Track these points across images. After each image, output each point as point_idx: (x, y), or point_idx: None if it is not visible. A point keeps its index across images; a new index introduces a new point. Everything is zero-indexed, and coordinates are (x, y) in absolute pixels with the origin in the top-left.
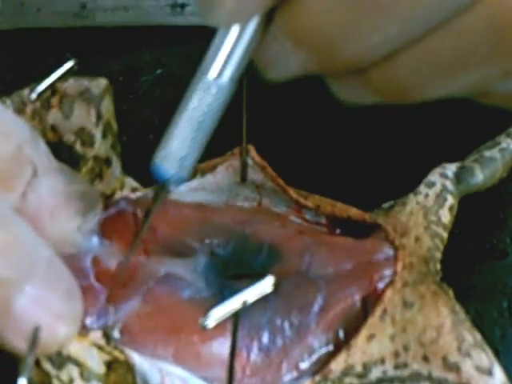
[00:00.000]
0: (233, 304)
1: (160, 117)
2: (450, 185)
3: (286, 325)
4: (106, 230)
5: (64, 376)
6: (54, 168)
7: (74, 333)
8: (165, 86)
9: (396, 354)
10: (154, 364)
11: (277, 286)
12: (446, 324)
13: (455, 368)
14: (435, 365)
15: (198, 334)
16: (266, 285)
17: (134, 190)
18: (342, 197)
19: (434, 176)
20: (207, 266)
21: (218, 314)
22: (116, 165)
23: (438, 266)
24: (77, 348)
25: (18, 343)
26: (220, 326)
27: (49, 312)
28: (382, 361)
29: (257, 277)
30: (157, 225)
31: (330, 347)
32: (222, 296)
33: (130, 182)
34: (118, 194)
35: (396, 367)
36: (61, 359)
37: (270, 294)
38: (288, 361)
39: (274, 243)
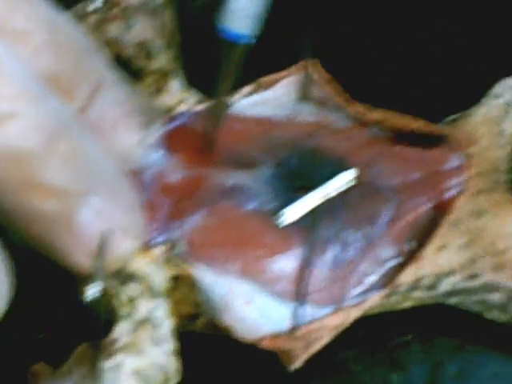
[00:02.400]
0: (309, 201)
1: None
2: None
3: (355, 237)
4: (169, 143)
5: (128, 293)
6: (116, 81)
7: (137, 247)
8: None
9: (467, 265)
10: (220, 278)
11: (346, 194)
12: None
13: None
14: (508, 275)
15: (265, 247)
16: (347, 177)
17: (199, 102)
18: (405, 112)
19: (500, 88)
20: (272, 177)
21: (293, 211)
22: (180, 77)
23: (508, 177)
24: (140, 264)
25: (81, 258)
26: (288, 239)
27: (113, 225)
28: (453, 272)
29: None
30: (220, 137)
31: (400, 259)
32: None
33: (195, 94)
34: (183, 107)
35: (466, 278)
36: (124, 276)
37: (338, 205)
38: (356, 274)
39: (339, 155)
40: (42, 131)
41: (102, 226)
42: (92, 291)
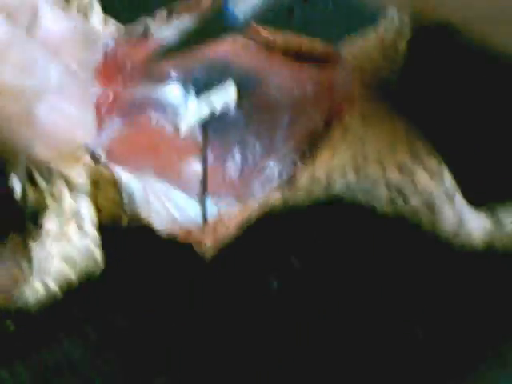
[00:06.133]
0: (201, 109)
1: None
2: (406, 18)
3: (256, 143)
4: None
5: (55, 190)
6: (54, 3)
7: (90, 140)
8: None
9: (356, 166)
10: (137, 179)
11: (245, 104)
12: (401, 136)
13: (409, 173)
14: (391, 171)
15: (176, 151)
16: (229, 92)
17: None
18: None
19: (391, 11)
20: (184, 92)
21: (188, 119)
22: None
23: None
24: (66, 166)
25: (41, 149)
26: (195, 143)
27: (66, 118)
28: (342, 168)
29: None
30: (135, 54)
31: (298, 164)
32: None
33: (112, 24)
34: (108, 29)
35: (355, 172)
36: (51, 174)
37: (240, 115)
38: (259, 175)
39: (246, 72)
40: None
41: (58, 119)
42: (15, 180)
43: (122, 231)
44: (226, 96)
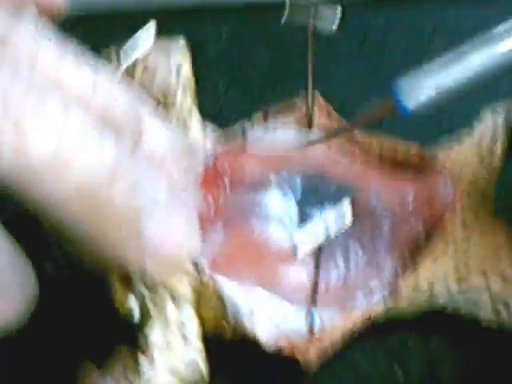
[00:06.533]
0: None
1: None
2: (501, 121)
3: (359, 251)
4: None
5: (158, 300)
6: (159, 121)
7: (196, 254)
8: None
9: (459, 276)
10: (241, 289)
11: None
12: (503, 244)
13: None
14: (495, 281)
15: (280, 261)
16: (345, 208)
17: (218, 138)
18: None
19: (485, 114)
20: (284, 200)
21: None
22: (198, 116)
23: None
24: (168, 276)
25: (152, 266)
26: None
27: (172, 232)
28: (445, 277)
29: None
30: (238, 164)
31: (399, 270)
32: (298, 227)
33: (213, 129)
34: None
35: (458, 282)
36: (154, 284)
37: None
38: (362, 282)
39: (344, 180)
40: (104, 165)
41: (164, 233)
42: (133, 303)
43: (226, 343)
44: (341, 218)
